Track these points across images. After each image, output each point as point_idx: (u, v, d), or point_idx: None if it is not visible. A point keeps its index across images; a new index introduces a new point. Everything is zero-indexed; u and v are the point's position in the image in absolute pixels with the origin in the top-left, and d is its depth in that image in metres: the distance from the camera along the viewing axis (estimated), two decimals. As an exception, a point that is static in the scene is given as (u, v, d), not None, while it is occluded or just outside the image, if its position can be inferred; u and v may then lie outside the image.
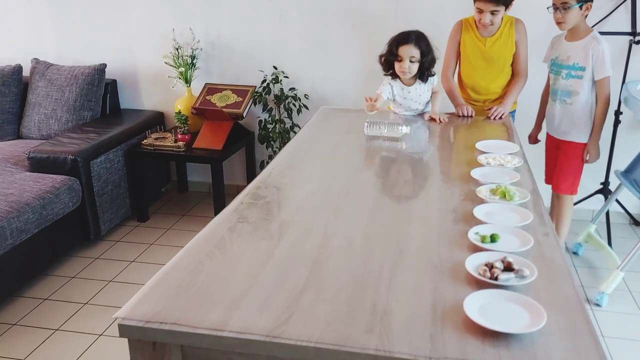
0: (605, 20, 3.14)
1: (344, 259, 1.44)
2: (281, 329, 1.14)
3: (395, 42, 2.65)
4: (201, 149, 3.46)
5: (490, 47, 2.82)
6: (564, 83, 2.78)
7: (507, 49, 2.83)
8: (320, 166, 2.19)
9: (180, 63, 3.62)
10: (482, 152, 2.22)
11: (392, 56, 2.66)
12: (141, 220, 3.61)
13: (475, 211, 1.64)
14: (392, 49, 2.65)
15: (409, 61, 2.62)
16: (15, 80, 3.71)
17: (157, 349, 1.19)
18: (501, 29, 2.80)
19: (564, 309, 1.21)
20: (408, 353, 1.07)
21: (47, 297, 2.78)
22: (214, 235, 1.57)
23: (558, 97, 2.83)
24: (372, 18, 3.40)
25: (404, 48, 2.61)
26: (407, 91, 2.75)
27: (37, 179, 2.96)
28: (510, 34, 2.81)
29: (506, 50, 2.83)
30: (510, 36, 2.82)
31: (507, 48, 2.83)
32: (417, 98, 2.78)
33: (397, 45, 2.63)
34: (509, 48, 2.83)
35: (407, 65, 2.62)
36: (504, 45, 2.82)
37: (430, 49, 2.65)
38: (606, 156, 3.27)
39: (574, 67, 2.74)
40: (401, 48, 2.62)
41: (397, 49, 2.63)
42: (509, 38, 2.82)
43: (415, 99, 2.78)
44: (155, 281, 1.33)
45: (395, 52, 2.64)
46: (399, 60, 2.64)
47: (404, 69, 2.63)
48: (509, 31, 2.81)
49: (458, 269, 1.36)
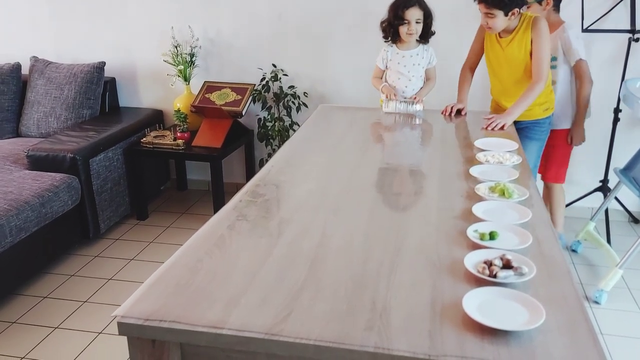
0: (604, 17, 3.13)
1: (343, 257, 1.44)
2: (280, 327, 1.14)
3: (399, 6, 2.72)
4: (200, 147, 3.46)
5: (505, 48, 2.67)
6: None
7: (520, 49, 2.63)
8: (320, 164, 2.19)
9: (179, 61, 3.61)
10: (481, 149, 2.22)
11: (398, 20, 2.73)
12: (140, 218, 3.61)
13: (474, 209, 1.64)
14: (397, 13, 2.73)
15: (415, 22, 2.73)
16: (14, 78, 3.70)
17: (156, 347, 1.19)
18: (517, 28, 2.63)
19: (562, 306, 1.22)
20: (407, 350, 1.07)
21: (47, 295, 2.78)
22: (213, 233, 1.57)
23: None
24: (371, 16, 3.40)
25: (409, 11, 2.72)
26: (401, 55, 2.83)
27: (36, 177, 2.95)
28: (526, 34, 2.62)
29: (520, 51, 2.64)
30: (525, 36, 2.62)
31: (521, 49, 2.63)
32: (410, 67, 2.83)
33: (402, 8, 2.71)
34: (523, 49, 2.63)
35: (414, 27, 2.73)
36: (518, 46, 2.64)
37: (430, 9, 2.77)
38: (605, 154, 3.28)
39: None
40: (407, 11, 2.71)
41: (402, 12, 2.71)
42: (523, 38, 2.63)
43: (408, 67, 2.83)
44: (155, 279, 1.33)
45: (402, 15, 2.72)
46: (405, 23, 2.73)
47: (411, 30, 2.74)
48: (524, 31, 2.62)
49: (457, 266, 1.36)
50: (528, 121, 2.77)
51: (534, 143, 2.81)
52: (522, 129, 2.77)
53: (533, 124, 2.78)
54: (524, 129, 2.78)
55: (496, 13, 2.50)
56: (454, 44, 3.20)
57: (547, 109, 2.78)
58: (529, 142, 2.79)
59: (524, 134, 2.78)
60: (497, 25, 2.56)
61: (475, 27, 2.83)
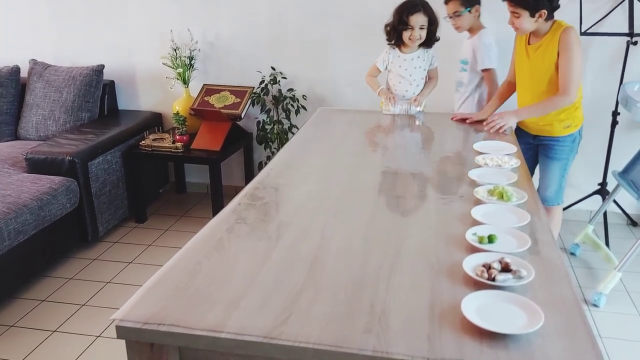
0: (602, 21, 3.14)
1: (342, 260, 1.44)
2: (279, 330, 1.14)
3: (404, 11, 2.72)
4: (199, 150, 3.46)
5: (531, 55, 2.53)
6: (458, 75, 3.05)
7: (545, 59, 2.47)
8: (319, 167, 2.19)
9: (178, 64, 3.62)
10: (479, 152, 2.22)
11: (402, 25, 2.73)
12: (139, 221, 3.61)
13: (473, 212, 1.64)
14: (402, 18, 2.72)
15: (419, 28, 2.73)
16: (13, 81, 3.70)
17: (155, 351, 1.19)
18: (546, 35, 2.48)
19: (561, 309, 1.22)
20: (405, 354, 1.07)
21: (45, 299, 2.78)
22: (212, 237, 1.57)
23: (456, 87, 3.07)
24: (370, 19, 3.40)
25: (414, 17, 2.71)
26: (402, 59, 2.83)
27: (34, 180, 2.95)
28: (552, 43, 2.45)
29: (544, 61, 2.48)
30: (552, 45, 2.45)
31: (546, 58, 2.47)
32: (412, 70, 2.84)
33: (407, 14, 2.71)
34: (548, 58, 2.46)
35: (417, 33, 2.73)
36: (542, 55, 2.48)
37: (435, 16, 2.77)
38: (604, 157, 3.28)
39: (463, 62, 2.96)
40: (411, 17, 2.71)
41: (407, 17, 2.71)
42: (548, 46, 2.46)
43: (410, 71, 2.84)
44: (153, 282, 1.33)
45: (406, 20, 2.71)
46: (409, 29, 2.73)
47: (414, 37, 2.74)
48: (551, 39, 2.45)
49: (456, 269, 1.36)
50: (547, 137, 2.63)
51: (554, 163, 2.66)
52: (540, 146, 2.68)
53: (553, 141, 2.63)
54: (543, 147, 2.67)
55: (521, 12, 2.40)
56: (454, 44, 3.20)
57: (568, 127, 2.59)
58: (549, 162, 2.67)
59: (543, 152, 2.68)
60: (523, 26, 2.43)
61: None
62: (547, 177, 2.71)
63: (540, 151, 2.70)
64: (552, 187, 2.72)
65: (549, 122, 2.58)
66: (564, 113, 2.55)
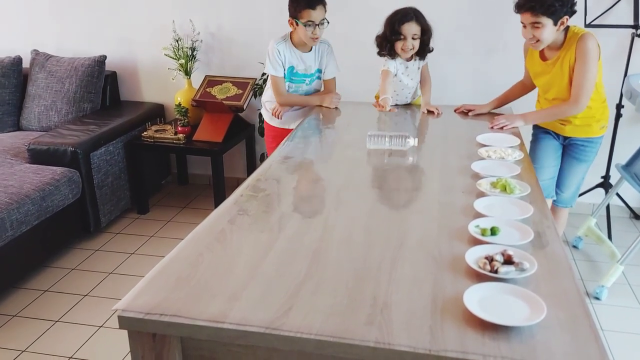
0: (607, 13, 3.12)
1: (344, 252, 1.44)
2: (281, 321, 1.14)
3: (396, 21, 2.62)
4: (201, 141, 3.45)
5: (552, 71, 2.40)
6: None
7: (562, 70, 2.35)
8: (320, 159, 2.19)
9: (180, 55, 3.61)
10: (482, 145, 2.21)
11: (395, 35, 2.63)
12: (141, 212, 3.61)
13: (476, 204, 1.64)
14: (394, 28, 2.63)
15: (412, 38, 2.63)
16: (15, 71, 3.69)
17: (157, 341, 1.19)
18: (563, 46, 2.35)
19: (563, 302, 1.21)
20: (408, 345, 1.07)
21: (47, 289, 2.79)
22: (214, 228, 1.57)
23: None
24: (371, 12, 3.38)
25: (406, 26, 2.61)
26: (405, 66, 2.78)
27: (37, 171, 2.95)
28: (570, 52, 2.32)
29: (561, 72, 2.36)
30: (569, 54, 2.32)
31: (563, 69, 2.35)
32: (412, 75, 2.80)
33: (399, 24, 2.61)
34: (567, 69, 2.34)
35: (410, 43, 2.64)
36: (560, 67, 2.36)
37: (428, 25, 2.67)
38: (607, 150, 3.27)
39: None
40: (403, 26, 2.61)
41: (399, 27, 2.62)
42: (566, 57, 2.33)
43: (411, 76, 2.80)
44: (155, 273, 1.33)
45: (398, 30, 2.62)
46: (402, 39, 2.64)
47: (407, 47, 2.64)
48: (569, 49, 2.32)
49: (458, 261, 1.36)
50: (582, 138, 2.53)
51: (581, 165, 2.59)
52: (571, 146, 2.57)
53: (586, 142, 2.54)
54: (574, 147, 2.56)
55: (545, 22, 2.21)
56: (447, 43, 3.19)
57: (603, 127, 2.54)
58: (576, 164, 2.59)
59: (572, 154, 2.58)
60: (545, 37, 2.25)
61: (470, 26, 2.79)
62: (569, 178, 2.64)
63: (568, 152, 2.59)
64: (571, 189, 2.68)
65: (587, 122, 2.48)
66: (598, 113, 2.48)
